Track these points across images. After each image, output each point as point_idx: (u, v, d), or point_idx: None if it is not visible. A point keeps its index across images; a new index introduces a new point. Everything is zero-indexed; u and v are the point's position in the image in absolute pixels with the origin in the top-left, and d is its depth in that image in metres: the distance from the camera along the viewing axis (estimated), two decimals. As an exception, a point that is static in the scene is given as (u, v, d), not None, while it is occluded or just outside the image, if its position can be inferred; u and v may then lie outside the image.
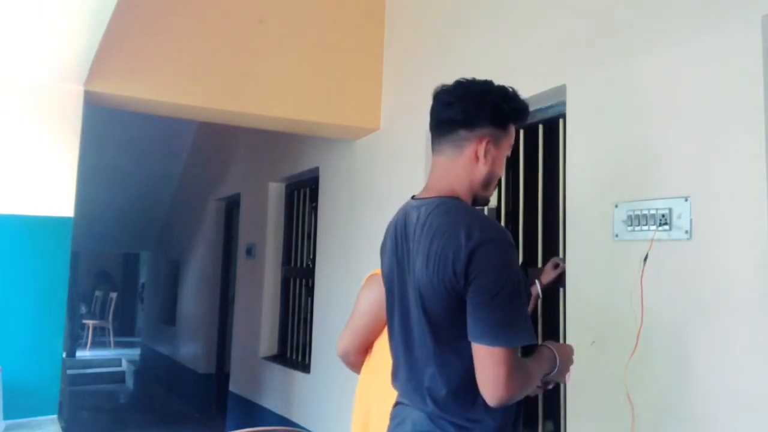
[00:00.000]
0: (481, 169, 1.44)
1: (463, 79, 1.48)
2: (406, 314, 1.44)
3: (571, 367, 1.55)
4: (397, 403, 1.51)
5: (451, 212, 1.37)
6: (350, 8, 3.72)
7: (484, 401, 1.31)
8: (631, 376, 1.93)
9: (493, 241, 1.29)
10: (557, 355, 1.46)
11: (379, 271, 1.79)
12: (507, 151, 1.50)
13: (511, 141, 1.50)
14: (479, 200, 1.49)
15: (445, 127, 1.45)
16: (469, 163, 1.43)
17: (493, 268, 1.27)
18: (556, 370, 1.46)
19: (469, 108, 1.42)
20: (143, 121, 5.27)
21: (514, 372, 1.26)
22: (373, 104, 3.71)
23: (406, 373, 1.45)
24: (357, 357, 1.84)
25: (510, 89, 1.46)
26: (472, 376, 1.31)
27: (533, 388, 1.39)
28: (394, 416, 1.50)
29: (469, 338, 1.29)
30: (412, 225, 1.42)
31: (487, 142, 1.43)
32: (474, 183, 1.45)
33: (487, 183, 1.46)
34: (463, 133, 1.42)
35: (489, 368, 1.26)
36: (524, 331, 1.28)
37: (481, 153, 1.42)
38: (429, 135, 1.54)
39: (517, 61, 2.65)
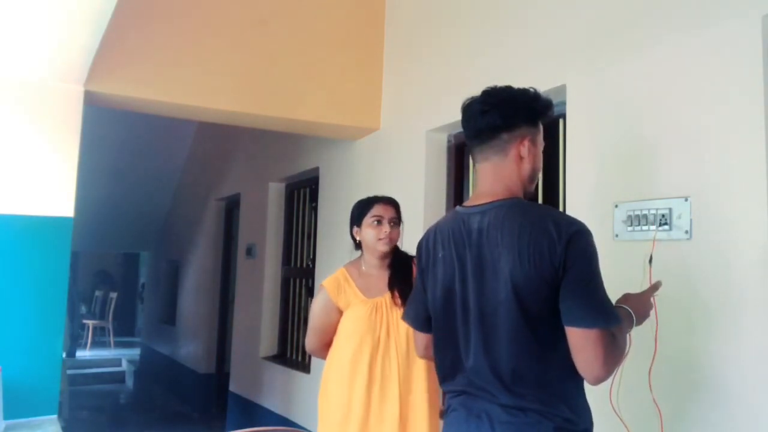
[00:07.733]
0: (526, 167, 1.53)
1: (489, 88, 1.56)
2: (474, 317, 1.47)
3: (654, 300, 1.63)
4: (461, 393, 1.52)
5: (527, 212, 1.45)
6: (350, 8, 3.72)
7: (579, 391, 1.42)
8: (635, 378, 1.92)
9: (582, 232, 1.40)
10: (632, 313, 1.53)
11: (326, 282, 2.32)
12: (542, 146, 1.59)
13: (542, 136, 1.60)
14: (526, 195, 1.57)
15: (486, 134, 1.52)
16: (515, 164, 1.52)
17: (585, 257, 1.38)
18: (635, 323, 1.54)
19: (508, 112, 1.50)
20: (143, 121, 5.27)
21: (610, 350, 1.35)
22: (373, 104, 3.71)
23: (481, 369, 1.46)
24: (322, 351, 2.37)
25: (532, 90, 1.55)
26: (566, 365, 1.38)
27: (624, 357, 1.48)
28: (463, 405, 1.50)
29: (564, 323, 1.37)
30: (481, 231, 1.47)
31: (528, 141, 1.52)
32: (523, 181, 1.54)
33: (532, 179, 1.56)
34: (504, 136, 1.51)
35: (588, 350, 1.34)
36: (615, 313, 1.39)
37: (524, 152, 1.52)
38: (428, 135, 1.55)
39: (517, 61, 2.65)
